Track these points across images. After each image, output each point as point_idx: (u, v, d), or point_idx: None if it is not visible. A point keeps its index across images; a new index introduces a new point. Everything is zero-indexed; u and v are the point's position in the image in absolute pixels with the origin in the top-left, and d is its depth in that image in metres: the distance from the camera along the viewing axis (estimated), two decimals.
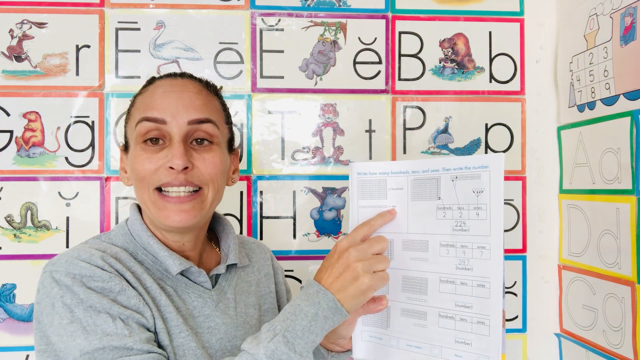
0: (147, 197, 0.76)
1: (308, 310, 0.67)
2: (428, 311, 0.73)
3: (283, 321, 0.67)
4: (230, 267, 0.86)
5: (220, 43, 1.27)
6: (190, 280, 0.79)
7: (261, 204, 1.28)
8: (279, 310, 0.95)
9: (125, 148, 0.82)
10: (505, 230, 1.33)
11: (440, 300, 0.72)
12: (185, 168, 0.74)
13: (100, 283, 0.69)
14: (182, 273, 0.78)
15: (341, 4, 1.30)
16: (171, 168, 0.73)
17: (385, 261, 0.72)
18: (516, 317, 1.33)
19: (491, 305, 0.67)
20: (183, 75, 0.82)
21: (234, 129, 1.28)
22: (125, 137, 0.82)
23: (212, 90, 0.84)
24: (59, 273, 0.69)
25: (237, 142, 1.28)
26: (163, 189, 0.75)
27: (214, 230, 0.91)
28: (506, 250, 1.32)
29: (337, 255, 0.72)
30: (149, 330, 0.70)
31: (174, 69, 1.25)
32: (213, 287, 0.81)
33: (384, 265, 0.71)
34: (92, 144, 1.23)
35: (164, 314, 0.73)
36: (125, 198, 1.23)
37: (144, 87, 0.82)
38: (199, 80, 0.82)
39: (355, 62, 1.30)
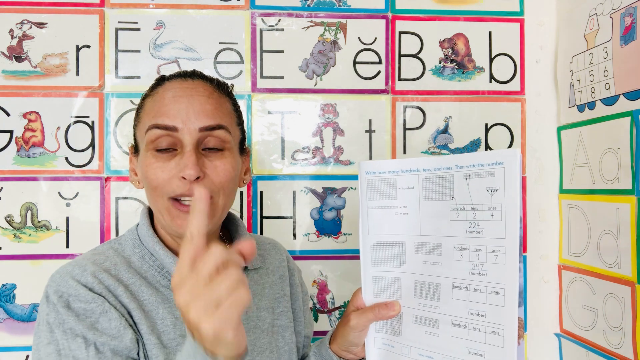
0: (160, 205, 0.74)
1: None
2: (440, 319, 0.69)
3: None
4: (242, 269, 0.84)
5: (220, 43, 1.27)
6: None
7: (261, 204, 1.28)
8: (293, 313, 0.93)
9: (135, 150, 0.80)
10: None
11: (453, 308, 0.68)
12: (197, 178, 0.71)
13: (83, 304, 0.69)
14: None
15: (341, 4, 1.30)
16: (183, 178, 0.71)
17: (225, 280, 0.51)
18: None
19: (506, 314, 0.63)
20: (193, 75, 0.78)
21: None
22: (135, 139, 0.80)
23: (224, 90, 0.81)
24: (51, 289, 0.70)
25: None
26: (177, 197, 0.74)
27: (227, 229, 0.90)
28: None
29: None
30: (128, 356, 0.69)
31: (174, 69, 1.25)
32: None
33: (225, 286, 0.51)
34: (92, 144, 1.23)
35: (160, 327, 0.72)
36: (125, 198, 1.23)
37: (153, 88, 0.79)
38: (210, 81, 0.79)
39: (355, 62, 1.30)
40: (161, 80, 0.79)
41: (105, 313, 0.69)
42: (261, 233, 1.27)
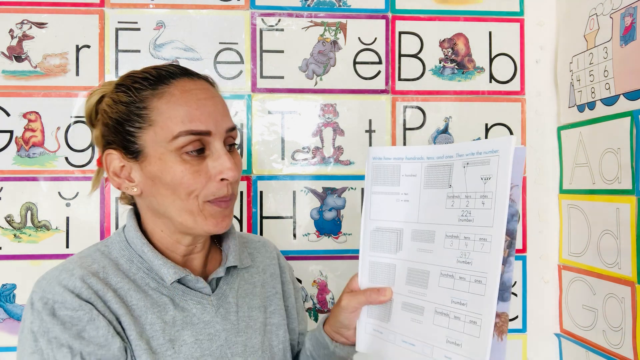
0: (191, 207, 0.72)
1: None
2: (425, 306, 0.69)
3: None
4: (232, 269, 0.84)
5: (220, 43, 1.27)
6: (188, 287, 0.77)
7: (261, 204, 1.28)
8: (286, 310, 0.93)
9: (132, 154, 0.73)
10: None
11: (438, 296, 0.67)
12: None
13: (70, 312, 0.67)
14: (179, 280, 0.76)
15: (341, 4, 1.30)
16: (222, 180, 0.73)
17: None
18: (516, 317, 1.33)
19: (485, 304, 0.61)
20: (197, 75, 0.77)
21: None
22: (135, 142, 0.73)
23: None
24: (36, 295, 0.68)
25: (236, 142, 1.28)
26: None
27: None
28: None
29: None
30: None
31: None
32: (214, 291, 0.80)
33: None
34: (92, 144, 1.23)
35: (149, 332, 0.72)
36: None
37: (155, 86, 0.73)
38: (211, 82, 0.79)
39: (355, 62, 1.30)
40: (164, 78, 0.74)
41: (93, 321, 0.67)
42: (261, 233, 1.28)
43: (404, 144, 1.31)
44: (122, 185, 0.75)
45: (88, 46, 1.24)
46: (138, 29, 1.25)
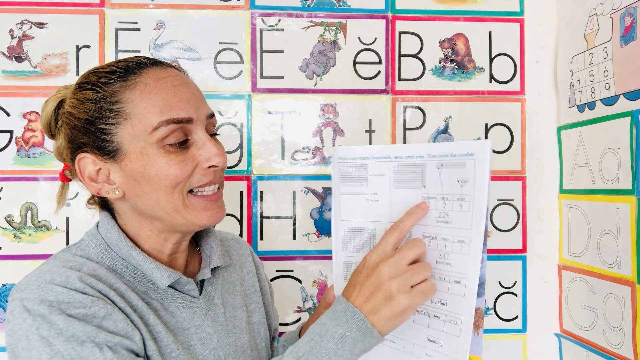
0: (175, 202, 0.69)
1: (335, 330, 0.62)
2: None
3: (307, 343, 0.62)
4: (213, 269, 0.82)
5: (220, 43, 1.27)
6: (177, 290, 0.74)
7: (261, 204, 1.28)
8: (265, 308, 0.92)
9: (109, 154, 0.69)
10: (505, 230, 1.33)
11: None
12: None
13: (82, 309, 0.61)
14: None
15: (341, 4, 1.30)
16: (211, 167, 0.69)
17: (424, 270, 0.64)
18: (516, 317, 1.33)
19: (464, 305, 0.63)
20: (166, 63, 0.73)
21: (234, 128, 1.28)
22: (110, 141, 0.68)
23: None
24: (31, 301, 0.60)
25: (236, 142, 1.28)
26: (195, 189, 0.70)
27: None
28: (506, 251, 1.33)
29: (366, 272, 0.65)
30: (138, 355, 0.64)
31: None
32: (200, 294, 0.77)
33: (423, 275, 0.63)
34: None
35: (154, 333, 0.68)
36: None
37: (128, 77, 0.68)
38: (181, 70, 0.75)
39: (355, 62, 1.30)
40: (133, 69, 0.69)
41: (110, 315, 0.62)
42: (261, 233, 1.28)
43: (404, 143, 1.31)
44: (102, 190, 0.70)
45: (88, 46, 1.24)
46: (138, 29, 1.25)
